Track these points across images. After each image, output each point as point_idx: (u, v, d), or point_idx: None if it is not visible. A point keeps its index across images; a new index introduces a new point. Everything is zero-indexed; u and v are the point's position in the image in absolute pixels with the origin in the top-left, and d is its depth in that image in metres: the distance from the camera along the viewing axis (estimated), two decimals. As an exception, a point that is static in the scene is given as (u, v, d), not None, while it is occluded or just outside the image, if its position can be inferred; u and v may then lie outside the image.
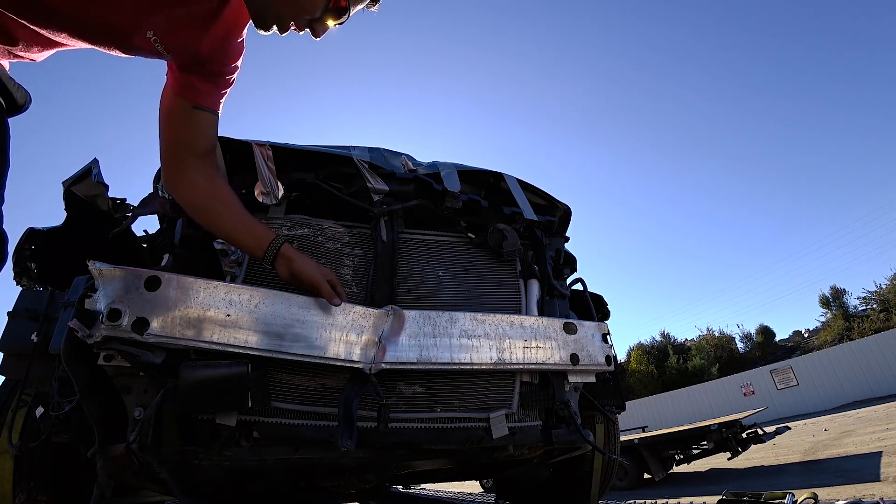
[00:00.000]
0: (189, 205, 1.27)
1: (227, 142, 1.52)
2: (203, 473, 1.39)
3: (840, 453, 6.76)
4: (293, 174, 1.61)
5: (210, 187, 1.25)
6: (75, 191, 1.67)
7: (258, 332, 1.24)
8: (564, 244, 2.12)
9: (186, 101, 1.15)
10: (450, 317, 1.48)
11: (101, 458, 1.17)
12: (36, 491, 1.52)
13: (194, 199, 1.25)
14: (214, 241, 1.46)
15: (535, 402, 1.61)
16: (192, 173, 1.22)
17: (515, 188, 1.91)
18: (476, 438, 1.48)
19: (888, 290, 24.94)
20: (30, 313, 1.52)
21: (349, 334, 1.35)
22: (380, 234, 1.62)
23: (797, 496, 2.07)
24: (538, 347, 1.56)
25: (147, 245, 1.81)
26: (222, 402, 1.18)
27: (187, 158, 1.21)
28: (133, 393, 1.22)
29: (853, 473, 5.15)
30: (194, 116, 1.17)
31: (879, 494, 3.67)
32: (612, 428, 2.21)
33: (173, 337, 1.15)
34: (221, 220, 1.26)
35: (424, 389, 1.48)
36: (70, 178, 1.66)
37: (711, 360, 28.94)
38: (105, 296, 1.12)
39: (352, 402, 1.32)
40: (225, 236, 1.31)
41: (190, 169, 1.22)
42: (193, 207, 1.27)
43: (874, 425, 9.25)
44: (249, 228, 1.27)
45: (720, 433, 7.06)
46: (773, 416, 17.70)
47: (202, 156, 1.23)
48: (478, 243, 1.79)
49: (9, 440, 1.48)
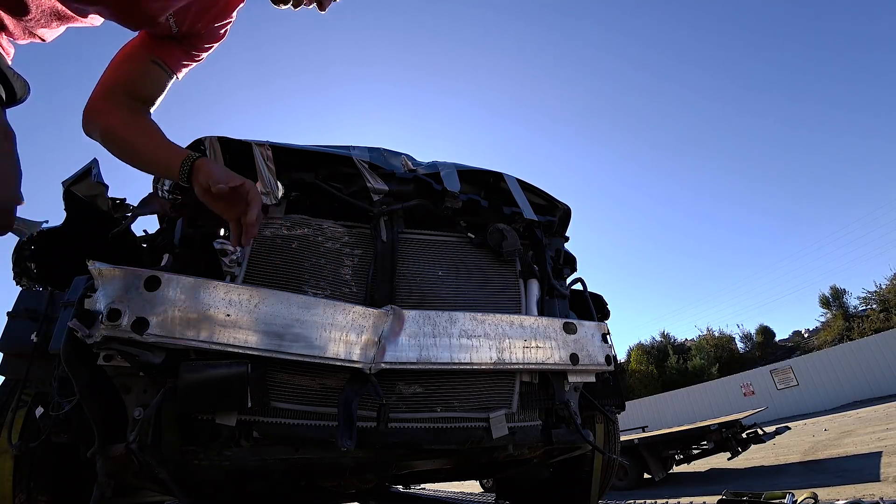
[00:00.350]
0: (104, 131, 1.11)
1: (227, 142, 1.52)
2: (203, 473, 1.39)
3: (840, 453, 6.76)
4: (293, 174, 1.61)
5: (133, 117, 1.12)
6: (75, 191, 1.67)
7: (258, 332, 1.24)
8: (564, 244, 2.12)
9: (151, 54, 1.12)
10: (449, 317, 1.48)
11: (101, 458, 1.17)
12: (36, 491, 1.52)
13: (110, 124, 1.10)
14: (214, 241, 1.46)
15: (535, 401, 1.61)
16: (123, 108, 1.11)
17: (515, 188, 1.91)
18: (476, 438, 1.48)
19: (888, 290, 24.95)
20: (30, 313, 1.52)
21: (349, 334, 1.35)
22: (380, 234, 1.62)
23: (797, 496, 2.07)
24: (538, 347, 1.56)
25: (147, 245, 1.81)
26: (222, 402, 1.18)
27: (125, 98, 1.12)
28: (133, 393, 1.22)
29: (853, 473, 5.15)
30: (152, 69, 1.13)
31: (879, 494, 3.67)
32: (612, 428, 2.21)
33: (173, 337, 1.15)
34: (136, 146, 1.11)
35: (424, 389, 1.48)
36: (70, 178, 1.66)
37: (711, 360, 28.95)
38: (105, 296, 1.12)
39: (352, 402, 1.32)
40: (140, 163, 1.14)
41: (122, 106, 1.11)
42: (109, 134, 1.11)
43: (874, 425, 9.26)
44: (166, 151, 1.12)
45: (720, 433, 7.06)
46: (773, 416, 17.70)
47: (142, 101, 1.15)
48: (478, 243, 1.79)
49: (9, 440, 1.48)
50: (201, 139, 1.51)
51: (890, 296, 24.63)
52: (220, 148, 1.51)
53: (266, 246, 1.51)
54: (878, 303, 25.41)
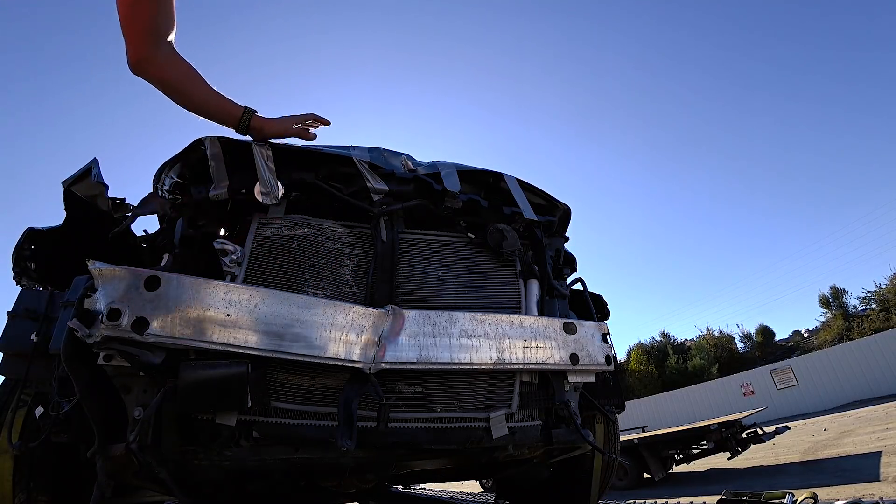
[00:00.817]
0: (164, 83, 1.35)
1: (227, 142, 1.52)
2: (203, 473, 1.39)
3: (840, 453, 6.76)
4: (293, 174, 1.61)
5: (181, 65, 1.36)
6: (75, 191, 1.67)
7: (258, 331, 1.24)
8: (564, 244, 2.13)
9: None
10: (449, 316, 1.48)
11: (101, 458, 1.17)
12: (36, 491, 1.52)
13: (169, 77, 1.34)
14: (214, 242, 1.46)
15: (534, 401, 1.61)
16: (164, 53, 1.32)
17: (515, 188, 1.91)
18: (476, 438, 1.48)
19: (888, 290, 24.95)
20: (30, 313, 1.52)
21: (349, 334, 1.35)
22: (380, 234, 1.62)
23: (797, 496, 2.07)
24: (538, 347, 1.56)
25: (147, 245, 1.81)
26: (222, 402, 1.18)
27: (165, 43, 1.32)
28: (133, 393, 1.22)
29: (853, 473, 5.15)
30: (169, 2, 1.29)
31: (879, 494, 3.67)
32: (612, 428, 2.21)
33: (173, 337, 1.15)
34: (195, 95, 1.39)
35: (424, 389, 1.48)
36: (70, 178, 1.66)
37: (711, 359, 28.94)
38: (105, 296, 1.12)
39: (352, 402, 1.32)
40: (199, 110, 1.43)
41: (162, 49, 1.31)
42: (168, 86, 1.36)
43: (874, 425, 9.25)
44: (220, 102, 1.43)
45: (720, 433, 7.06)
46: (773, 416, 17.70)
47: (168, 37, 1.33)
48: (478, 243, 1.79)
49: (9, 440, 1.48)
50: (201, 139, 1.51)
51: (890, 296, 24.62)
52: (220, 147, 1.51)
53: (266, 246, 1.51)
54: (878, 303, 25.40)
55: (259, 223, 1.54)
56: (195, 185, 1.56)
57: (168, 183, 1.58)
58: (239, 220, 1.63)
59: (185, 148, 1.54)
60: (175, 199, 1.59)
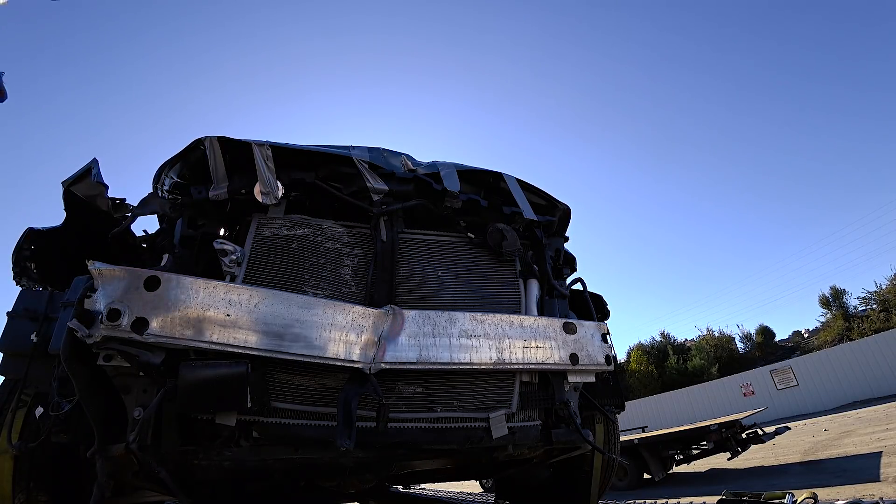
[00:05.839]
0: None
1: (227, 142, 1.52)
2: (203, 473, 1.39)
3: (840, 453, 6.76)
4: (293, 174, 1.61)
5: None
6: (75, 191, 1.67)
7: (258, 331, 1.24)
8: (564, 244, 2.13)
9: None
10: (449, 317, 1.48)
11: (101, 458, 1.17)
12: (36, 491, 1.52)
13: None
14: (214, 242, 1.46)
15: (534, 401, 1.61)
16: None
17: (515, 188, 1.91)
18: (476, 438, 1.48)
19: (888, 290, 24.92)
20: (30, 313, 1.52)
21: (349, 334, 1.35)
22: (379, 234, 1.63)
23: (797, 496, 2.07)
24: (538, 347, 1.56)
25: (147, 245, 1.81)
26: (222, 402, 1.18)
27: None
28: (133, 393, 1.22)
29: (853, 473, 5.15)
30: None
31: (879, 494, 3.66)
32: (611, 428, 2.21)
33: (173, 337, 1.15)
34: None
35: (424, 389, 1.48)
36: (70, 178, 1.66)
37: (711, 360, 28.91)
38: (105, 296, 1.12)
39: (351, 402, 1.32)
40: None
41: None
42: None
43: (874, 425, 9.25)
44: None
45: (720, 433, 7.06)
46: (773, 417, 17.69)
47: None
48: (477, 243, 1.79)
49: (9, 440, 1.48)
50: (201, 139, 1.51)
51: (890, 296, 24.60)
52: (220, 147, 1.51)
53: (266, 246, 1.51)
54: (878, 303, 25.36)
55: (259, 223, 1.54)
56: (195, 185, 1.56)
57: (168, 183, 1.58)
58: (239, 220, 1.63)
59: (184, 148, 1.54)
60: (175, 199, 1.59)
